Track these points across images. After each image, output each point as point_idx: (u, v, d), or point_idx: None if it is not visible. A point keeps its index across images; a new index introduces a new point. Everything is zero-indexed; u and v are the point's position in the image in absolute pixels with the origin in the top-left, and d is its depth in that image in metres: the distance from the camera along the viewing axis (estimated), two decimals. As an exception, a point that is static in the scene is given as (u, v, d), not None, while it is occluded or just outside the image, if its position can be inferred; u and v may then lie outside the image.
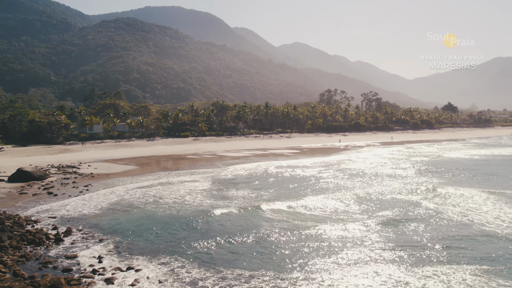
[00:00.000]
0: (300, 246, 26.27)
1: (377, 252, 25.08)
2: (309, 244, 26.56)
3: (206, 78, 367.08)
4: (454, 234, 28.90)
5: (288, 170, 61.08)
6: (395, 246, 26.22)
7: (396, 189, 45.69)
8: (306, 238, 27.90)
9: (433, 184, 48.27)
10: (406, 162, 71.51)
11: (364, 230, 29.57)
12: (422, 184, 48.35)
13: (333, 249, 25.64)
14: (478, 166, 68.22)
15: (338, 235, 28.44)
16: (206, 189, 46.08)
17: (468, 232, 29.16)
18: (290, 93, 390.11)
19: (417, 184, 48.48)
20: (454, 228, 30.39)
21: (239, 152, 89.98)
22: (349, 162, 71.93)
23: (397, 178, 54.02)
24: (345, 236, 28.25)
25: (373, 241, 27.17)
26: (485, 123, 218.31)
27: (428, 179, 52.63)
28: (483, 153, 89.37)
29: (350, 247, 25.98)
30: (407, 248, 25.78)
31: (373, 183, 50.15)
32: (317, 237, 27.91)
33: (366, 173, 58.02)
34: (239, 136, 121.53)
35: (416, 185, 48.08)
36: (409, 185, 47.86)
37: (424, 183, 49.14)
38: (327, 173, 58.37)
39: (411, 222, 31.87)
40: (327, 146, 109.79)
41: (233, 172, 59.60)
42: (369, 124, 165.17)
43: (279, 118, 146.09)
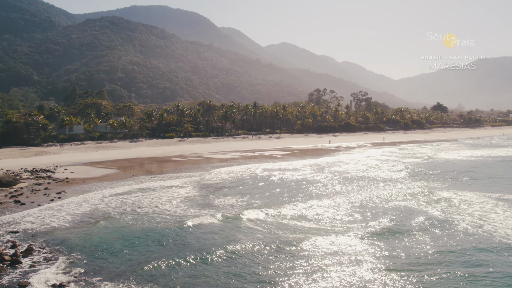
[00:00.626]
0: (283, 266, 22.94)
1: (374, 273, 21.75)
2: (293, 263, 23.29)
3: (192, 78, 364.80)
4: (467, 248, 25.84)
5: (278, 174, 57.91)
6: (395, 264, 23.08)
7: (393, 194, 42.83)
8: (292, 255, 24.61)
9: (433, 189, 45.57)
10: (401, 164, 68.88)
11: (358, 245, 26.58)
12: (421, 189, 45.49)
13: (320, 270, 22.31)
14: (477, 168, 65.90)
15: (327, 251, 25.29)
16: (190, 196, 42.58)
17: (485, 246, 26.08)
18: (277, 93, 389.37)
19: (416, 189, 45.64)
20: (466, 241, 27.43)
21: (227, 154, 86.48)
22: (342, 165, 69.02)
23: (393, 182, 51.14)
24: (336, 252, 25.07)
25: (369, 259, 23.93)
26: (475, 123, 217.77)
27: (428, 183, 49.81)
28: (478, 154, 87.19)
29: (341, 268, 22.63)
30: (410, 267, 22.57)
31: (368, 188, 47.24)
32: (303, 254, 24.73)
33: (359, 177, 55.15)
34: (227, 137, 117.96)
35: (415, 189, 45.25)
36: (407, 190, 45.06)
37: (424, 188, 46.30)
38: (319, 176, 55.34)
39: (412, 234, 28.98)
40: (318, 147, 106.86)
41: (219, 176, 56.21)
42: (359, 124, 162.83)
43: (268, 118, 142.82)
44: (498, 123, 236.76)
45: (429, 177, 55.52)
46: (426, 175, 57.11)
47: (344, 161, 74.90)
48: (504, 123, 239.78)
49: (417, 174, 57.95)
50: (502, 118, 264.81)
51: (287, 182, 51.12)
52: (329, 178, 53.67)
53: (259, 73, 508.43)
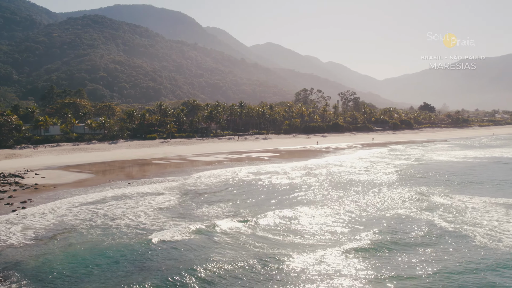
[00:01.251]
0: None
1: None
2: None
3: (177, 77, 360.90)
4: (484, 267, 22.47)
5: (264, 178, 54.62)
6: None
7: (389, 201, 39.94)
8: (273, 278, 21.04)
9: (434, 194, 42.75)
10: (394, 167, 66.07)
11: (350, 263, 23.22)
12: (420, 195, 42.47)
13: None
14: (475, 170, 63.49)
15: (313, 272, 22.10)
16: (170, 205, 38.82)
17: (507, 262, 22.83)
18: (263, 93, 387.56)
19: (414, 195, 42.60)
20: (482, 258, 24.07)
21: (212, 156, 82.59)
22: (332, 167, 65.87)
23: (388, 187, 48.13)
24: (323, 273, 21.78)
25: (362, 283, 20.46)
26: (463, 123, 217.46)
27: (427, 188, 46.84)
28: (473, 155, 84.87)
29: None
30: None
31: (361, 193, 44.21)
32: (285, 275, 21.65)
33: (351, 181, 52.14)
34: (212, 138, 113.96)
35: (413, 195, 42.26)
36: (404, 196, 42.08)
37: (423, 193, 43.35)
38: (308, 181, 52.42)
39: (415, 250, 25.99)
40: (307, 148, 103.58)
41: (203, 181, 52.52)
42: (348, 124, 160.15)
43: (254, 119, 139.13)
44: (486, 123, 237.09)
45: (426, 181, 52.64)
46: (422, 179, 54.25)
47: (334, 163, 71.73)
48: (491, 123, 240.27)
49: (412, 178, 55.09)
50: (489, 118, 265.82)
51: (274, 188, 47.98)
52: (319, 183, 50.64)
53: (245, 72, 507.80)
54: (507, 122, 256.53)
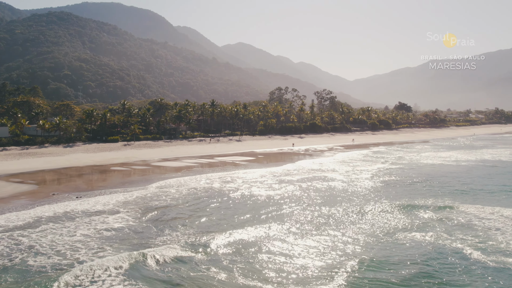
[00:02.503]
0: None
1: None
2: None
3: (146, 76, 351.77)
4: None
5: (239, 187, 47.83)
6: None
7: (391, 220, 33.19)
8: None
9: (444, 209, 36.71)
10: (385, 173, 60.24)
11: None
12: (431, 210, 36.32)
13: None
14: (476, 175, 58.00)
15: None
16: (121, 227, 31.04)
17: None
18: (235, 93, 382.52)
19: (421, 209, 36.53)
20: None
21: (180, 160, 74.28)
22: (314, 173, 59.16)
23: (384, 198, 41.98)
24: None
25: None
26: (440, 123, 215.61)
27: (433, 199, 40.82)
28: (464, 157, 79.85)
29: None
30: None
31: (354, 208, 38.11)
32: None
33: (339, 191, 45.78)
34: (181, 140, 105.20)
35: (419, 209, 36.21)
36: (408, 211, 35.50)
37: (432, 206, 37.38)
38: (289, 191, 46.18)
39: None
40: (284, 150, 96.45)
41: (169, 192, 44.91)
42: (325, 125, 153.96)
43: (227, 119, 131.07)
44: (462, 123, 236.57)
45: (427, 189, 46.78)
46: (422, 186, 48.55)
47: (315, 168, 65.07)
48: (468, 123, 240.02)
49: (410, 185, 49.28)
50: (465, 118, 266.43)
51: (248, 201, 41.42)
52: (300, 194, 44.22)
53: (216, 72, 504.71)
54: (482, 122, 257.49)
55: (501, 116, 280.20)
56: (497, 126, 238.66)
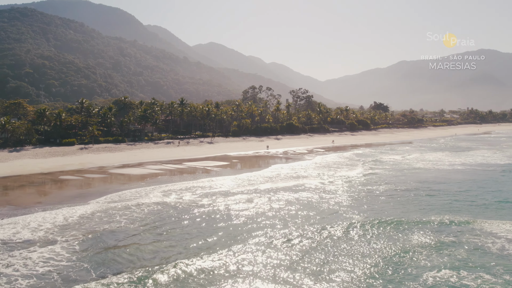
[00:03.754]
0: None
1: None
2: None
3: (113, 75, 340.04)
4: None
5: (214, 203, 40.37)
6: None
7: (388, 243, 25.52)
8: None
9: (460, 223, 29.00)
10: (376, 178, 53.81)
11: None
12: (438, 227, 28.57)
13: None
14: (484, 182, 51.40)
15: None
16: (48, 271, 22.42)
17: None
18: (207, 92, 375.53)
19: (429, 229, 28.82)
20: None
21: (143, 166, 65.20)
22: (295, 180, 52.15)
23: (380, 212, 34.49)
24: None
25: None
26: (418, 123, 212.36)
27: (449, 215, 33.70)
28: (457, 161, 74.31)
29: None
30: None
31: (338, 228, 30.63)
32: None
33: (322, 205, 38.44)
34: (146, 142, 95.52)
35: (428, 229, 28.52)
36: (413, 227, 28.17)
37: (440, 223, 29.52)
38: (267, 205, 39.61)
39: None
40: (260, 153, 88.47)
41: (124, 210, 36.10)
42: (303, 125, 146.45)
43: (198, 119, 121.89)
44: (439, 123, 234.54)
45: (429, 200, 40.04)
46: (422, 196, 42.75)
47: (297, 174, 58.02)
48: (445, 123, 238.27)
49: (408, 196, 42.90)
50: (441, 118, 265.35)
51: (220, 221, 33.93)
52: (279, 210, 37.15)
53: (187, 71, 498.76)
54: (458, 122, 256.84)
55: (476, 116, 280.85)
56: (473, 126, 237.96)
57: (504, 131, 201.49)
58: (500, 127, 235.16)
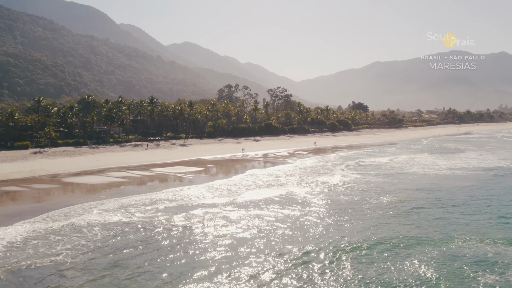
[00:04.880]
0: None
1: None
2: None
3: (83, 74, 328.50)
4: None
5: (187, 221, 33.57)
6: None
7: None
8: None
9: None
10: (371, 186, 47.56)
11: None
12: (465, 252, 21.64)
13: None
14: (493, 191, 44.90)
15: None
16: None
17: None
18: (181, 92, 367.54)
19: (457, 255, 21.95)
20: None
21: (105, 174, 56.81)
22: (279, 189, 45.59)
23: (383, 232, 27.63)
24: None
25: None
26: (399, 123, 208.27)
27: (474, 235, 26.41)
28: (456, 165, 68.57)
29: None
30: None
31: (329, 256, 23.08)
32: None
33: (315, 222, 32.46)
34: (111, 145, 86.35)
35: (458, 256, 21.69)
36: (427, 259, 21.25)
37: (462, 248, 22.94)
38: (246, 224, 33.25)
39: None
40: (238, 157, 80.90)
41: (69, 236, 29.61)
42: (282, 125, 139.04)
43: (170, 119, 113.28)
44: (419, 123, 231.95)
45: (441, 213, 33.53)
46: (429, 208, 35.51)
47: (282, 182, 51.75)
48: (425, 123, 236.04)
49: (412, 208, 35.91)
50: (421, 118, 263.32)
51: (190, 248, 27.16)
52: (263, 230, 30.74)
53: (161, 70, 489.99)
54: (438, 122, 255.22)
55: (454, 116, 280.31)
56: (453, 126, 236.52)
57: (484, 131, 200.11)
58: (479, 127, 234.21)
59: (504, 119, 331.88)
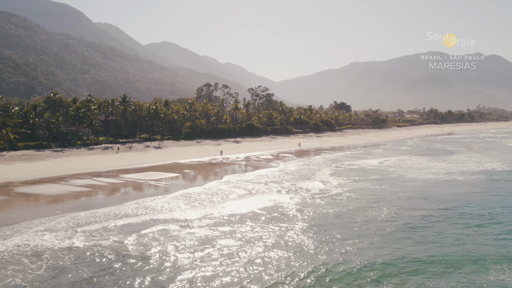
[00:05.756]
0: None
1: None
2: None
3: (57, 73, 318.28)
4: None
5: (160, 247, 27.12)
6: None
7: None
8: None
9: None
10: (366, 195, 42.50)
11: None
12: None
13: None
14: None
15: None
16: None
17: None
18: (159, 91, 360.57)
19: None
20: None
21: (66, 181, 50.04)
22: (267, 199, 39.77)
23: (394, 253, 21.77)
24: None
25: None
26: (382, 123, 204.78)
27: None
28: (455, 168, 63.14)
29: None
30: None
31: None
32: None
33: (306, 241, 26.50)
34: (78, 148, 79.00)
35: None
36: None
37: None
38: (230, 243, 26.68)
39: None
40: (218, 160, 74.70)
41: (7, 266, 22.02)
42: (264, 126, 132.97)
43: (145, 120, 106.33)
44: (403, 124, 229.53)
45: (458, 228, 27.85)
46: (459, 226, 30.53)
47: (269, 188, 45.68)
48: (408, 123, 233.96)
49: (427, 224, 30.70)
50: (404, 118, 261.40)
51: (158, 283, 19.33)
52: (239, 251, 24.67)
53: (138, 70, 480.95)
54: (420, 122, 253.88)
55: (436, 116, 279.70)
56: (436, 126, 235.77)
57: (466, 131, 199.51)
58: (461, 127, 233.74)
59: (484, 119, 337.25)
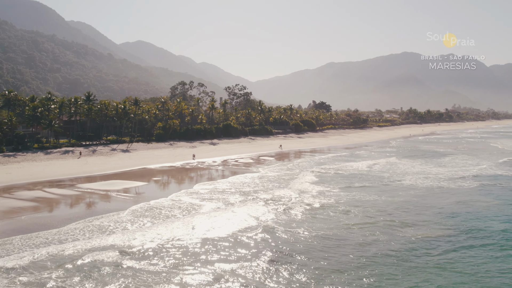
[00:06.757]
0: None
1: None
2: None
3: (24, 71, 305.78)
4: None
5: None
6: None
7: None
8: None
9: None
10: (362, 208, 35.95)
11: None
12: None
13: None
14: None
15: None
16: None
17: None
18: (133, 91, 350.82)
19: None
20: None
21: (10, 193, 42.62)
22: (241, 214, 33.87)
23: None
24: None
25: None
26: (363, 123, 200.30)
27: None
28: (458, 173, 56.54)
29: None
30: None
31: None
32: None
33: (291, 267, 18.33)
34: (35, 151, 70.27)
35: None
36: None
37: None
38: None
39: None
40: (193, 164, 67.52)
41: None
42: (242, 126, 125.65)
43: (114, 120, 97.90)
44: (383, 123, 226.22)
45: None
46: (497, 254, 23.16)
47: (248, 198, 37.99)
48: (389, 123, 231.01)
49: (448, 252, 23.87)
50: (384, 118, 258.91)
51: None
52: None
53: (112, 69, 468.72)
54: (401, 122, 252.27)
55: (415, 116, 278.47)
56: (416, 126, 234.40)
57: (447, 131, 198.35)
58: (441, 127, 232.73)
59: (462, 118, 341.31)
